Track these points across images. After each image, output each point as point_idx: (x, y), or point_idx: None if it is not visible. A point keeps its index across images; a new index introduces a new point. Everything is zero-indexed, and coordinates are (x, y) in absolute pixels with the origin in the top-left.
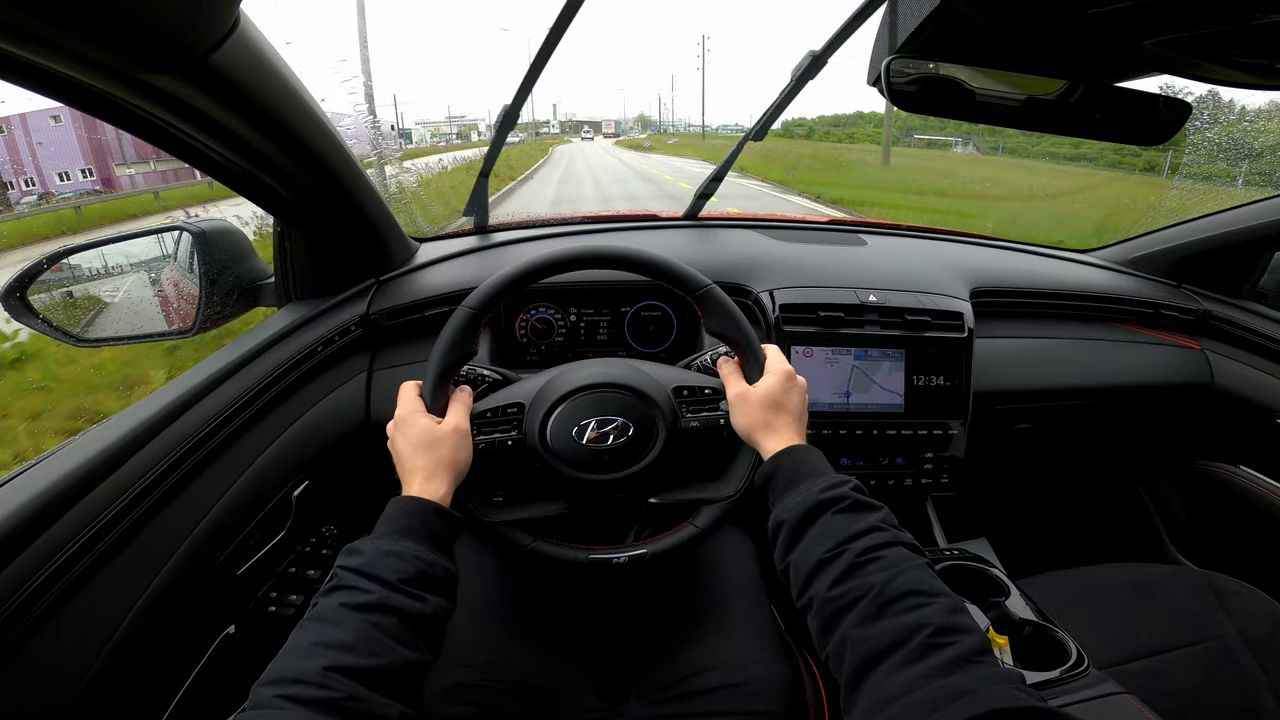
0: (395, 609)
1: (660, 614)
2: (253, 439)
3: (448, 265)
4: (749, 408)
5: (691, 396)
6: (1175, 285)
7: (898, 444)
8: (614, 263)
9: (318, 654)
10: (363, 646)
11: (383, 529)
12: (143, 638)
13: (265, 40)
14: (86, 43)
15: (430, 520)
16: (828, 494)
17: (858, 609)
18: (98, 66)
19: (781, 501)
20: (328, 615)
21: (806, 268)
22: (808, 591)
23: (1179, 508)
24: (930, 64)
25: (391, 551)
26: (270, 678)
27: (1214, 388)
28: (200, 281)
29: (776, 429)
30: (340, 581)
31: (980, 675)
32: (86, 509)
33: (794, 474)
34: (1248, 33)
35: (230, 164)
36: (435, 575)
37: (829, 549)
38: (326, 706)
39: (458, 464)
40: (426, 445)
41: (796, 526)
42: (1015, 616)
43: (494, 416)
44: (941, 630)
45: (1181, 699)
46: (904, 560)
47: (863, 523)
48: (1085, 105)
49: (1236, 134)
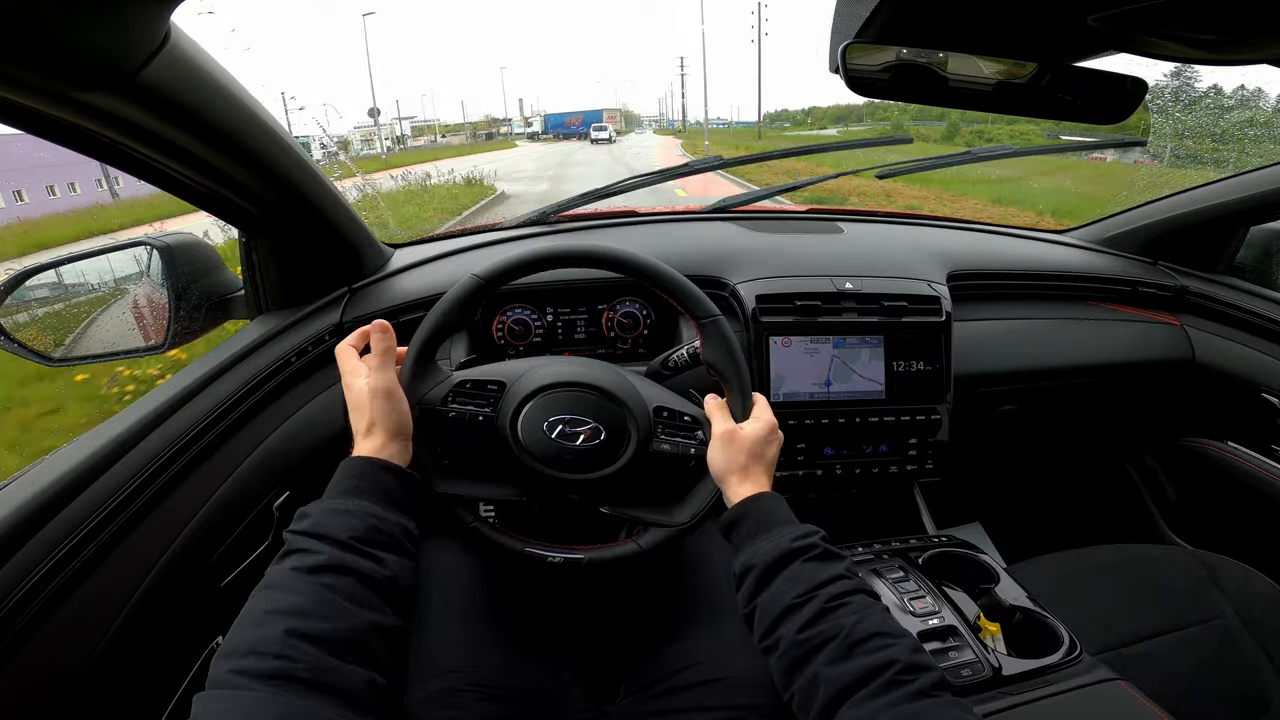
0: (350, 569)
1: (645, 613)
2: (230, 451)
3: (422, 270)
4: (732, 449)
5: (670, 420)
6: (1151, 262)
7: (880, 431)
8: (629, 269)
9: (270, 621)
10: (318, 610)
11: (330, 490)
12: (131, 647)
13: (202, 52)
14: (12, 64)
15: (380, 477)
16: (799, 543)
17: (828, 649)
18: (29, 87)
19: (750, 546)
20: (279, 581)
21: (783, 257)
22: (775, 633)
23: (1169, 486)
24: (890, 49)
25: (339, 509)
26: (224, 651)
27: (1195, 363)
28: (169, 296)
29: (751, 475)
30: (290, 545)
31: (938, 703)
32: (65, 521)
33: (764, 521)
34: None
35: (183, 178)
36: (390, 533)
37: (798, 595)
38: (286, 678)
39: (392, 422)
40: (357, 406)
41: (765, 572)
42: (1006, 603)
43: (473, 389)
44: (907, 668)
45: (1179, 682)
46: (868, 605)
47: (831, 571)
48: (1053, 87)
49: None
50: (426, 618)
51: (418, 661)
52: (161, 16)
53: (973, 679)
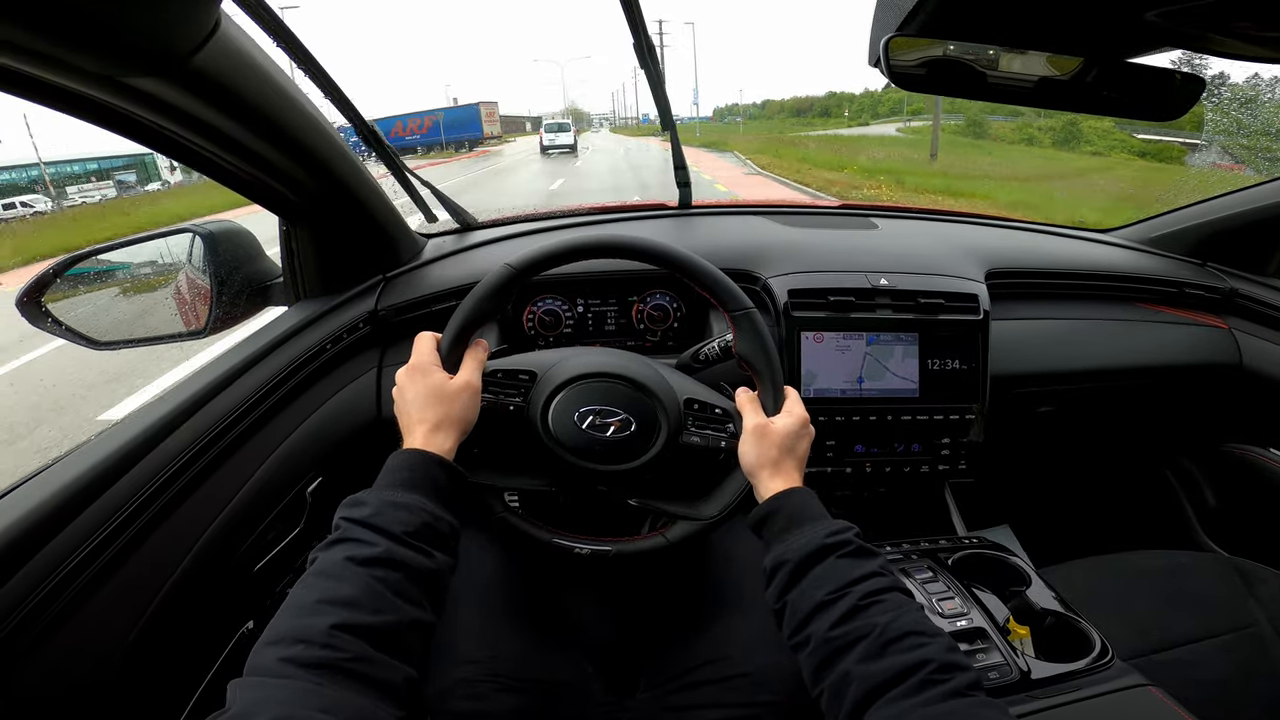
0: (402, 563)
1: (666, 607)
2: (265, 436)
3: (455, 259)
4: (764, 444)
5: (701, 412)
6: (1200, 263)
7: (913, 430)
8: (662, 261)
9: (322, 611)
10: (369, 603)
11: (385, 480)
12: (163, 634)
13: (250, 40)
14: (68, 49)
15: (435, 473)
16: (833, 539)
17: (860, 647)
18: (82, 72)
19: (782, 542)
20: (330, 570)
21: (815, 252)
22: (805, 630)
23: (1208, 492)
24: (931, 42)
25: (398, 504)
26: (271, 637)
27: (1242, 368)
28: (211, 282)
29: (783, 470)
30: (344, 534)
31: (972, 703)
32: (104, 506)
33: (796, 516)
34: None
35: (228, 165)
36: (441, 530)
37: (831, 591)
38: (331, 668)
39: (465, 421)
40: (437, 398)
41: (797, 568)
42: (1037, 606)
43: (504, 378)
44: (942, 667)
45: (1211, 690)
46: (903, 603)
47: (865, 568)
48: (1099, 82)
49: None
50: (447, 607)
51: (437, 651)
52: (212, 4)
53: (1000, 682)
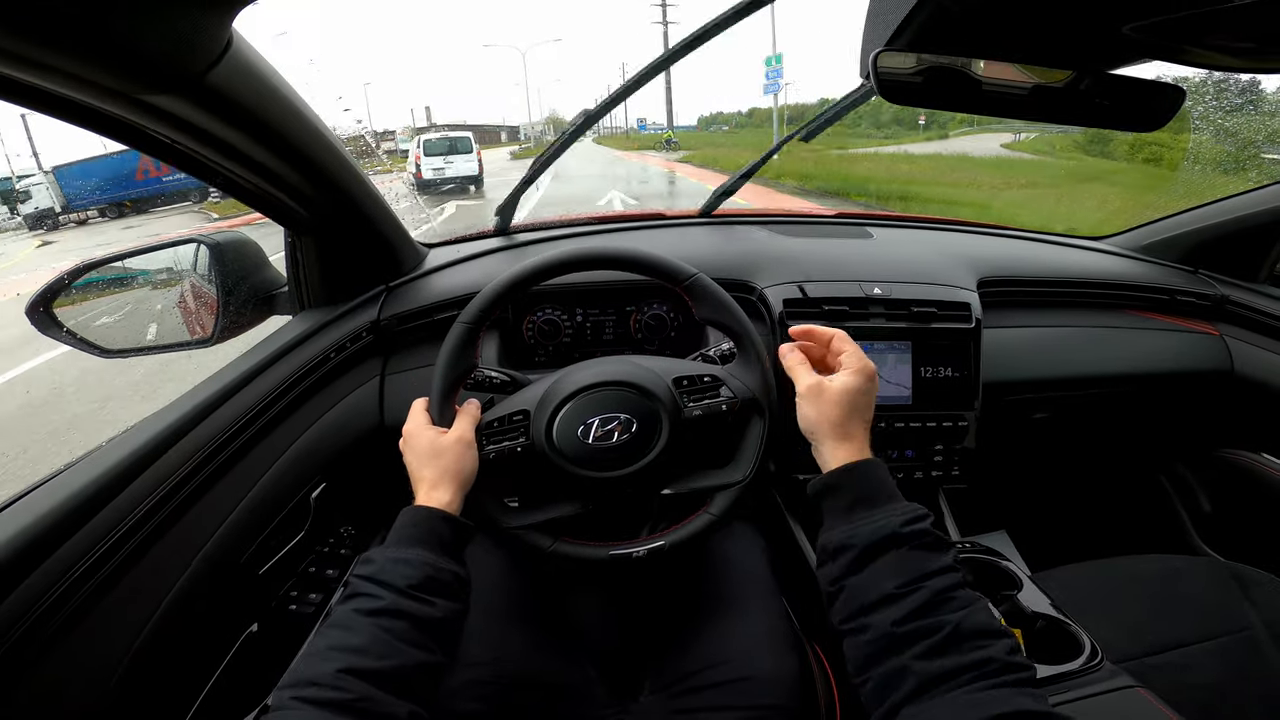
0: (405, 613)
1: (671, 609)
2: (270, 444)
3: (456, 270)
4: (823, 403)
5: (692, 386)
6: (1191, 270)
7: (907, 436)
8: (598, 263)
9: (331, 658)
10: (374, 649)
11: (393, 538)
12: (169, 636)
13: (260, 57)
14: (86, 66)
15: (437, 527)
16: (909, 529)
17: (924, 643)
18: (99, 88)
19: (848, 522)
20: (342, 621)
21: (811, 262)
22: (864, 618)
23: (1202, 497)
24: (920, 56)
25: (400, 559)
26: (287, 681)
27: (1234, 374)
28: (218, 292)
29: (849, 435)
30: (354, 589)
31: (1010, 692)
32: (113, 512)
33: (866, 495)
34: (1224, 15)
35: (238, 178)
36: (443, 580)
37: (901, 584)
38: (338, 706)
39: (462, 473)
40: (431, 456)
41: (864, 554)
42: (1028, 609)
43: (501, 425)
44: (1004, 667)
45: (1204, 693)
46: (973, 600)
47: (939, 562)
48: (1090, 93)
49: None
50: None
51: None
52: (224, 23)
53: None
